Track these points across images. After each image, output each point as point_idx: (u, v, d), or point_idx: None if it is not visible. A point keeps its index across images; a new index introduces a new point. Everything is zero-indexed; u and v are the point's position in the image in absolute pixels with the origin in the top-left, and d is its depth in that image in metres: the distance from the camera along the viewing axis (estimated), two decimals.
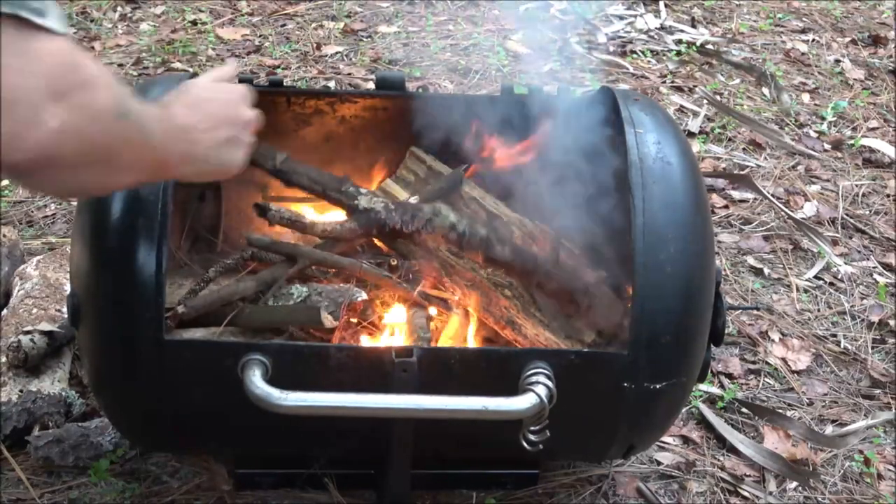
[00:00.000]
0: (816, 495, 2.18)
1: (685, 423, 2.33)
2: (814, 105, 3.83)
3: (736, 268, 2.92)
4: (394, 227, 1.90)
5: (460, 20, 4.27)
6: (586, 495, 2.10)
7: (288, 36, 4.10)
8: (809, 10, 4.61)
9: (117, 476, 2.06)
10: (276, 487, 2.03)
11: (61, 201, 2.97)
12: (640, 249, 1.67)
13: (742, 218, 3.13)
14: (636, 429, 1.81)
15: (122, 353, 1.68)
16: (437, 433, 1.79)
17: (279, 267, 1.93)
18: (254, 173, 2.16)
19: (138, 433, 1.87)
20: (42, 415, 2.11)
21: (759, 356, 2.58)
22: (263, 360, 1.63)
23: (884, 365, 2.59)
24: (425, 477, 2.00)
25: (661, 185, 1.72)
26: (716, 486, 2.17)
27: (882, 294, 2.82)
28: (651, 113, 1.85)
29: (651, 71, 3.97)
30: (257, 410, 1.58)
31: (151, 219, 1.63)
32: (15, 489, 2.02)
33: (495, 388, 1.63)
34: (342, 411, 1.62)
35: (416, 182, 2.17)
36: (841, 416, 2.42)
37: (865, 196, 3.29)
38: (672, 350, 1.69)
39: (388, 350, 1.68)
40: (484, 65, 3.89)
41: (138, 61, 3.83)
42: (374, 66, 3.87)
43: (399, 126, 2.19)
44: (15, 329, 2.23)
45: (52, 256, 2.52)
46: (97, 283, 1.67)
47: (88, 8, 4.23)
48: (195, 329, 1.82)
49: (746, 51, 4.19)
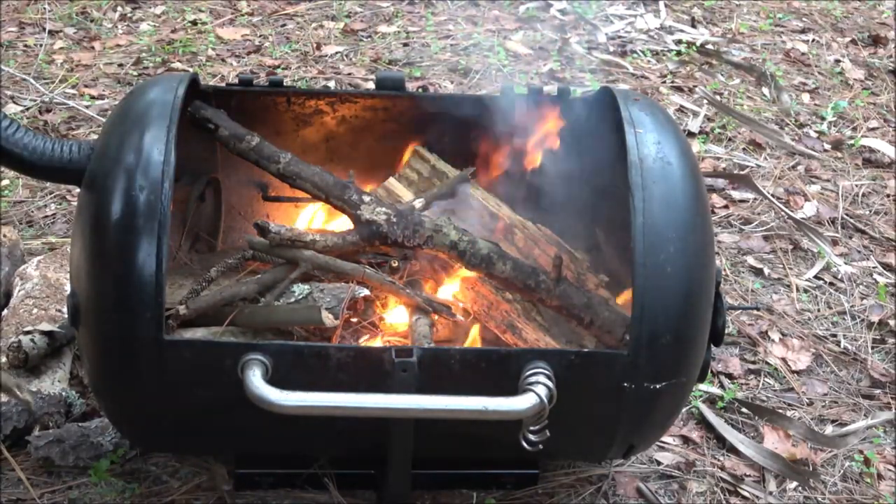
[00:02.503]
0: (816, 495, 2.18)
1: (685, 423, 2.33)
2: (814, 105, 3.83)
3: (736, 268, 2.92)
4: (395, 241, 1.92)
5: (460, 20, 4.27)
6: (586, 495, 2.10)
7: (288, 36, 4.10)
8: (809, 10, 4.61)
9: (117, 476, 2.06)
10: (276, 487, 2.03)
11: (61, 201, 2.97)
12: (640, 249, 1.67)
13: (742, 218, 3.13)
14: (636, 429, 1.81)
15: (122, 353, 1.68)
16: (437, 433, 1.79)
17: (281, 269, 1.93)
18: (254, 173, 2.17)
19: (138, 433, 1.87)
20: (42, 415, 2.11)
21: (759, 356, 2.58)
22: (263, 360, 1.63)
23: (884, 365, 2.59)
24: (425, 477, 2.00)
25: (661, 185, 1.72)
26: (716, 486, 2.17)
27: (882, 294, 2.82)
28: (651, 113, 1.85)
29: (651, 71, 3.97)
30: (257, 410, 1.58)
31: (151, 219, 1.63)
32: (15, 489, 2.02)
33: (495, 388, 1.63)
34: (342, 411, 1.62)
35: (419, 181, 2.17)
36: (841, 416, 2.42)
37: (865, 196, 3.29)
38: (672, 350, 1.69)
39: (388, 350, 1.68)
40: (484, 65, 3.89)
41: (138, 61, 3.83)
42: (374, 66, 3.87)
43: (399, 126, 2.20)
44: (15, 329, 2.23)
45: (52, 256, 2.52)
46: (97, 283, 1.67)
47: (88, 8, 4.23)
48: (195, 329, 1.82)
49: (746, 51, 4.19)
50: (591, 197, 2.08)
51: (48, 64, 3.77)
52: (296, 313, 1.86)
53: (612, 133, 1.86)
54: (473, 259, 1.92)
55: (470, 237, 1.93)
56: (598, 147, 1.97)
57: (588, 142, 2.01)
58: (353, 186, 2.00)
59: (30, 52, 3.86)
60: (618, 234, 1.90)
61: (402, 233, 1.92)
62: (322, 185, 1.99)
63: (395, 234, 1.92)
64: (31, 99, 3.49)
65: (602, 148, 1.95)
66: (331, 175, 2.02)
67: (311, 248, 1.92)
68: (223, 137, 2.02)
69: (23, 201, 2.96)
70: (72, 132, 3.31)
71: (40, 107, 3.45)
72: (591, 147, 2.01)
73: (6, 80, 3.60)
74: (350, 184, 2.00)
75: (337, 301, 1.88)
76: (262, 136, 2.04)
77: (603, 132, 1.93)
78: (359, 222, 1.95)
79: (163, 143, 1.69)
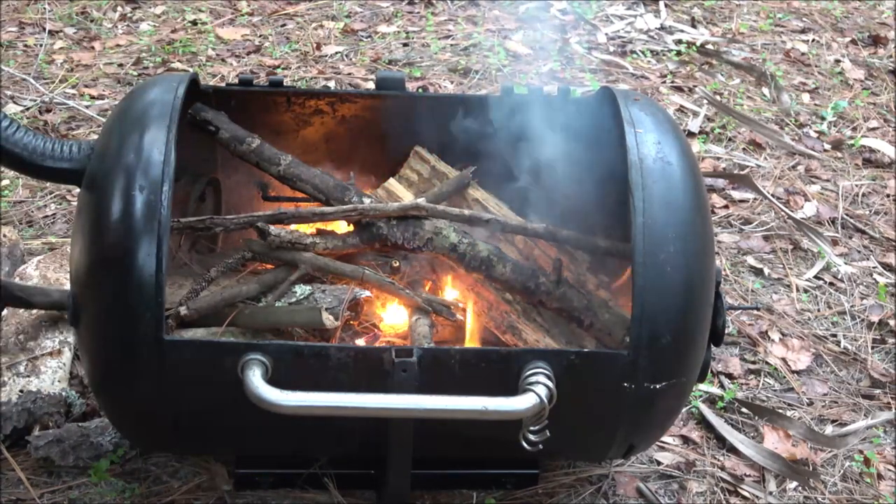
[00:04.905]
0: (816, 495, 2.18)
1: (685, 423, 2.33)
2: (814, 105, 3.83)
3: (736, 268, 2.92)
4: (395, 243, 1.92)
5: (460, 20, 4.27)
6: (586, 495, 2.10)
7: (288, 36, 4.10)
8: (809, 10, 4.61)
9: (117, 476, 2.07)
10: (276, 487, 2.03)
11: (61, 201, 2.97)
12: (640, 249, 1.67)
13: (742, 218, 3.13)
14: (636, 429, 1.81)
15: (122, 353, 1.68)
16: (437, 433, 1.79)
17: (281, 270, 1.93)
18: (254, 173, 2.17)
19: (138, 433, 1.87)
20: (42, 415, 2.11)
21: (759, 356, 2.58)
22: (263, 360, 1.63)
23: (884, 365, 2.59)
24: (425, 477, 2.00)
25: (661, 185, 1.72)
26: (716, 486, 2.17)
27: (882, 294, 2.82)
28: (651, 113, 1.85)
29: (651, 71, 3.97)
30: (257, 410, 1.58)
31: (151, 219, 1.63)
32: (15, 489, 2.02)
33: (495, 388, 1.63)
34: (342, 411, 1.62)
35: (419, 182, 2.17)
36: (841, 416, 2.42)
37: (865, 196, 3.29)
38: (672, 350, 1.69)
39: (388, 350, 1.68)
40: (484, 65, 3.89)
41: (138, 61, 3.83)
42: (374, 66, 3.87)
43: (399, 126, 2.19)
44: (15, 329, 2.23)
45: (52, 256, 2.52)
46: (97, 283, 1.67)
47: (88, 8, 4.23)
48: (195, 329, 1.82)
49: (746, 51, 4.19)
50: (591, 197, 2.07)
51: (48, 64, 3.77)
52: (296, 314, 1.86)
53: (613, 133, 1.86)
54: (473, 261, 1.92)
55: (470, 239, 1.93)
56: (599, 147, 1.97)
57: (588, 142, 2.01)
58: (353, 188, 2.00)
59: (30, 52, 3.86)
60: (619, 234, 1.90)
61: (401, 235, 1.93)
62: (322, 187, 1.99)
63: (395, 236, 1.93)
64: (31, 99, 3.49)
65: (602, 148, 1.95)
66: (331, 177, 2.02)
67: (311, 251, 1.92)
68: (224, 139, 2.02)
69: (23, 201, 2.96)
70: (72, 132, 3.31)
71: (40, 107, 3.45)
72: (591, 147, 2.00)
73: (6, 80, 3.60)
74: (350, 185, 2.01)
75: (338, 302, 1.88)
76: (263, 138, 2.04)
77: (603, 132, 1.93)
78: (359, 224, 1.95)
79: (163, 143, 1.69)
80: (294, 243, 1.91)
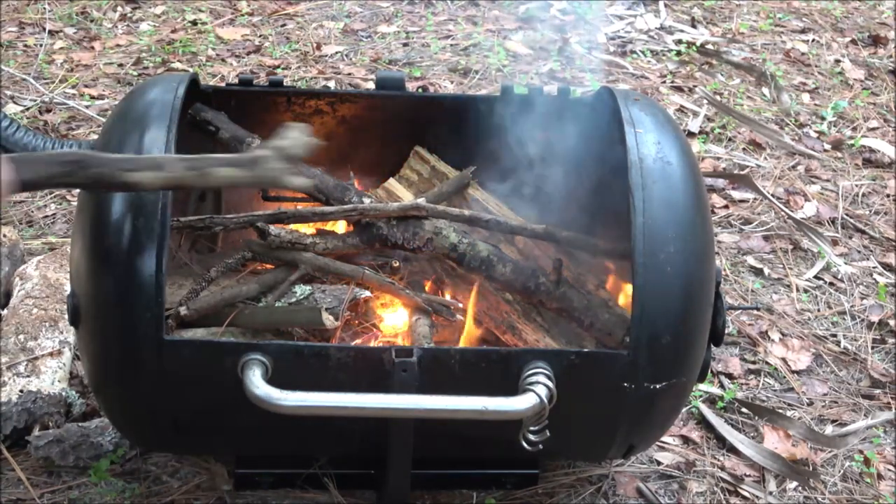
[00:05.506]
0: (816, 495, 2.18)
1: (685, 423, 2.33)
2: (814, 105, 3.83)
3: (736, 268, 2.92)
4: (395, 243, 1.92)
5: (460, 20, 4.27)
6: (586, 495, 2.10)
7: (288, 36, 4.10)
8: (809, 10, 4.61)
9: (117, 476, 2.07)
10: (276, 487, 2.03)
11: (61, 201, 2.97)
12: (640, 249, 1.67)
13: (742, 218, 3.13)
14: (636, 429, 1.81)
15: (122, 353, 1.68)
16: (437, 433, 1.79)
17: (281, 270, 1.93)
18: None
19: (138, 433, 1.87)
20: (42, 415, 2.11)
21: (759, 356, 2.58)
22: (263, 360, 1.63)
23: (884, 365, 2.59)
24: (425, 477, 2.00)
25: (661, 185, 1.72)
26: (716, 486, 2.17)
27: (882, 294, 2.82)
28: (651, 113, 1.85)
29: (651, 71, 3.97)
30: (257, 410, 1.58)
31: (151, 219, 1.63)
32: (15, 489, 2.02)
33: (495, 388, 1.63)
34: (342, 411, 1.62)
35: (419, 182, 2.17)
36: (841, 416, 2.42)
37: (865, 196, 3.29)
38: (672, 350, 1.69)
39: (388, 350, 1.68)
40: (484, 65, 3.89)
41: (138, 61, 3.83)
42: (374, 66, 3.87)
43: (399, 126, 2.19)
44: (15, 329, 2.23)
45: (52, 256, 2.52)
46: (97, 283, 1.67)
47: (88, 8, 4.23)
48: (195, 329, 1.82)
49: (746, 51, 4.19)
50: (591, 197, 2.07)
51: (48, 64, 3.77)
52: (296, 314, 1.86)
53: (612, 133, 1.86)
54: (473, 262, 1.92)
55: (470, 239, 1.93)
56: (598, 147, 1.97)
57: (588, 142, 2.01)
58: (353, 188, 2.00)
59: (30, 52, 3.86)
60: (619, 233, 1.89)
61: (401, 235, 1.93)
62: (322, 187, 1.99)
63: (395, 236, 1.93)
64: (31, 99, 3.49)
65: (602, 148, 1.95)
66: (331, 177, 2.02)
67: (311, 251, 1.92)
68: (224, 140, 2.02)
69: (23, 201, 2.96)
70: (72, 132, 3.31)
71: (40, 107, 3.45)
72: (591, 147, 2.00)
73: (6, 80, 3.60)
74: (350, 185, 2.01)
75: (338, 302, 1.88)
76: (263, 138, 2.04)
77: (603, 132, 1.93)
78: (359, 224, 1.95)
79: (163, 144, 1.69)
80: (294, 243, 1.91)
